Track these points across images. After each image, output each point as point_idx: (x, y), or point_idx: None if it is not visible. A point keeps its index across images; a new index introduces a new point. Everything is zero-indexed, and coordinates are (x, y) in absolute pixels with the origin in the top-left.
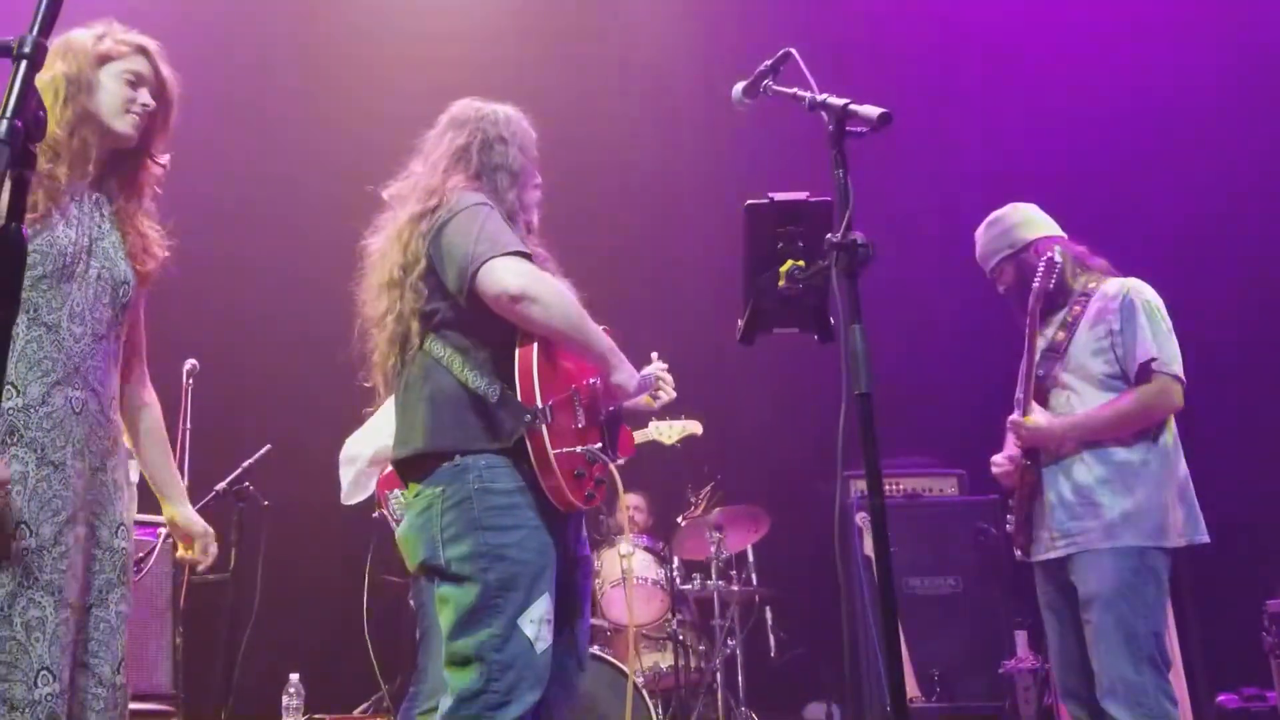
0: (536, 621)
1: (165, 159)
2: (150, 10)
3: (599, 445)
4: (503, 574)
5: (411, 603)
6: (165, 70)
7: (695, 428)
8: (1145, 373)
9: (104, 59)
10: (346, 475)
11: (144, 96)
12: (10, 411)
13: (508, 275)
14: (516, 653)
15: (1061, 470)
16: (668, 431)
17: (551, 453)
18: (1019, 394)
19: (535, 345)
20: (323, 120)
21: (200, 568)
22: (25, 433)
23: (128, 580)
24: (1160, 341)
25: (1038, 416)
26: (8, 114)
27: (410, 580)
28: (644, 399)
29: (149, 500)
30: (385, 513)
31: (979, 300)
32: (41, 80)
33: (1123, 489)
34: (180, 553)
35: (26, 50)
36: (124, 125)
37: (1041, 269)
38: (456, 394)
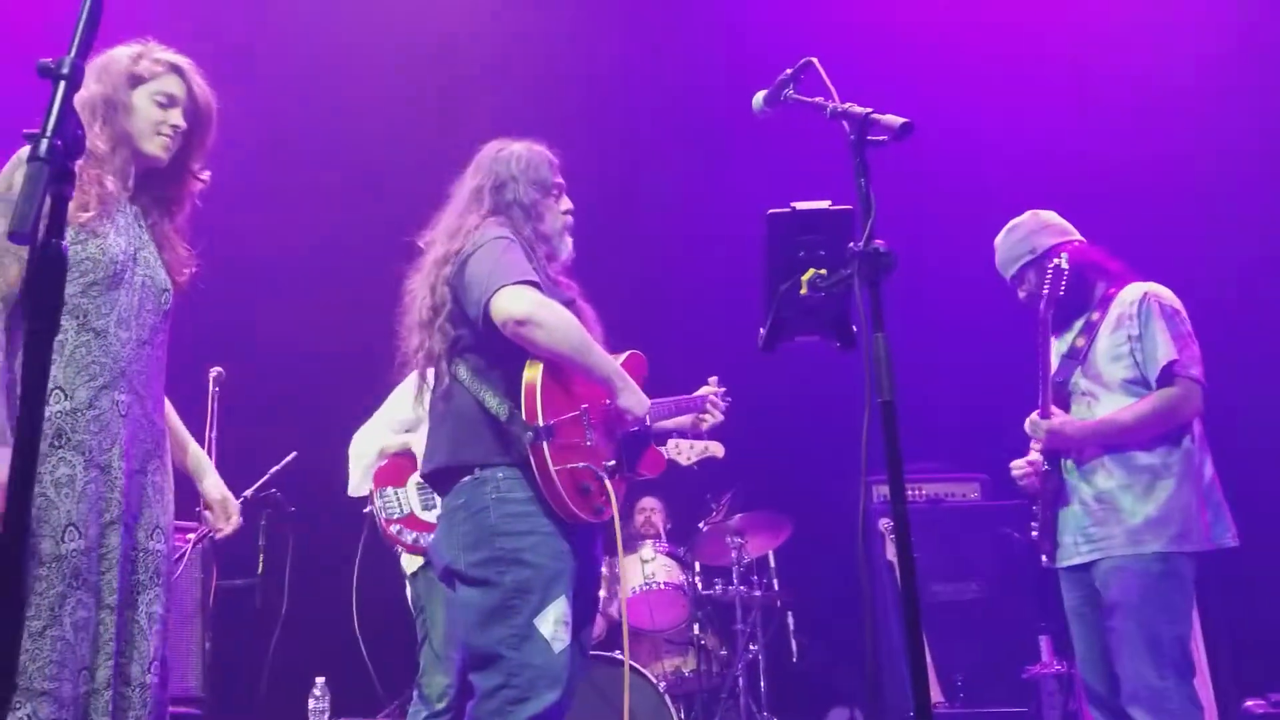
0: (553, 622)
1: (206, 174)
2: (174, 22)
3: (611, 462)
4: (518, 577)
5: (411, 606)
6: (199, 89)
7: (716, 449)
8: (1167, 376)
9: (137, 80)
10: (355, 468)
11: (174, 118)
12: (58, 415)
13: (514, 302)
14: (533, 652)
15: (1083, 475)
16: (687, 451)
17: (553, 468)
18: (1067, 374)
19: (541, 367)
20: (350, 133)
21: (219, 535)
22: (73, 436)
23: (161, 582)
24: (1180, 345)
25: (1057, 419)
26: (47, 133)
27: (409, 580)
28: (686, 419)
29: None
30: (375, 507)
31: (1000, 304)
32: (80, 99)
33: (1145, 494)
34: (209, 520)
35: (65, 71)
36: (154, 147)
37: (1049, 277)
38: (475, 413)
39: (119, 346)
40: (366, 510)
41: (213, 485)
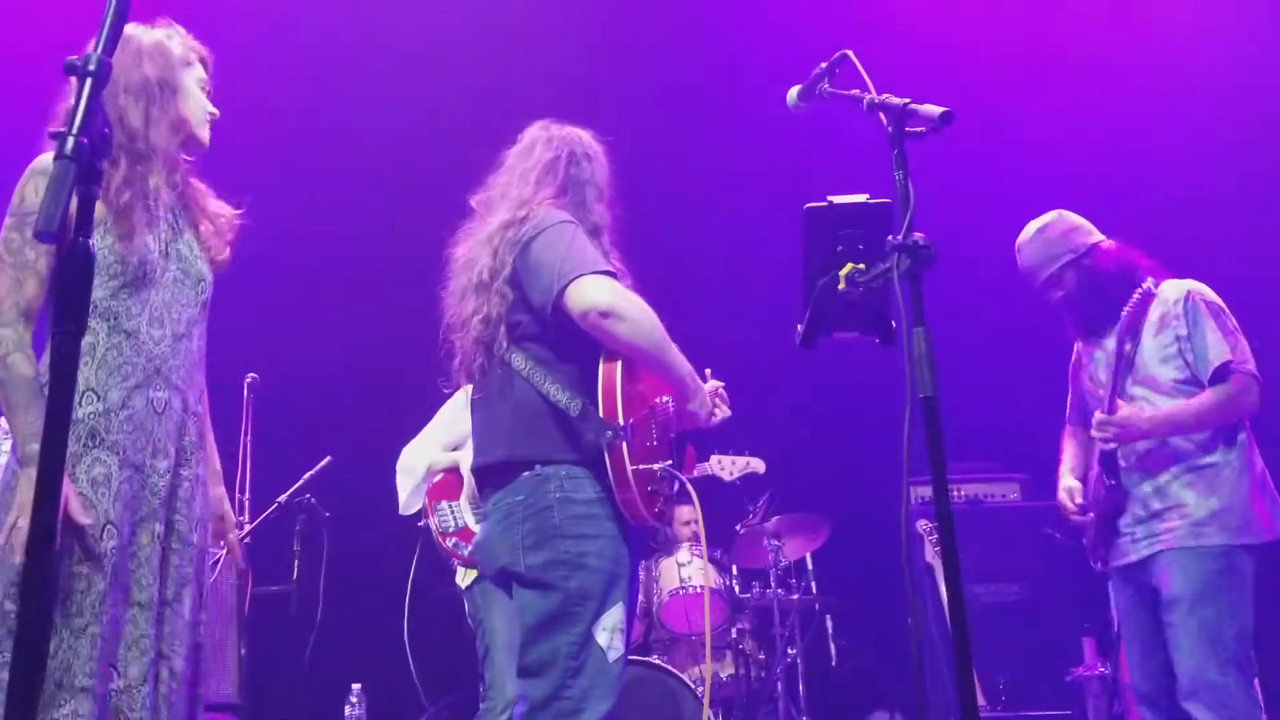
0: (610, 630)
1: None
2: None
3: (670, 463)
4: (583, 581)
5: (470, 619)
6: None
7: (758, 465)
8: (1224, 373)
9: (185, 62)
10: (405, 486)
11: (210, 105)
12: (91, 416)
13: (597, 292)
14: (590, 660)
15: (1143, 474)
16: (730, 467)
17: (630, 468)
18: (1100, 394)
19: (619, 364)
20: (382, 133)
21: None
22: (106, 436)
23: (200, 577)
24: (1232, 342)
25: (1125, 411)
26: (74, 131)
27: (464, 594)
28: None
29: None
30: (431, 522)
31: (1037, 302)
32: (131, 81)
33: (1207, 489)
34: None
35: (92, 68)
36: (206, 134)
37: (1137, 299)
38: (538, 406)
39: (151, 345)
40: (421, 524)
41: (217, 499)
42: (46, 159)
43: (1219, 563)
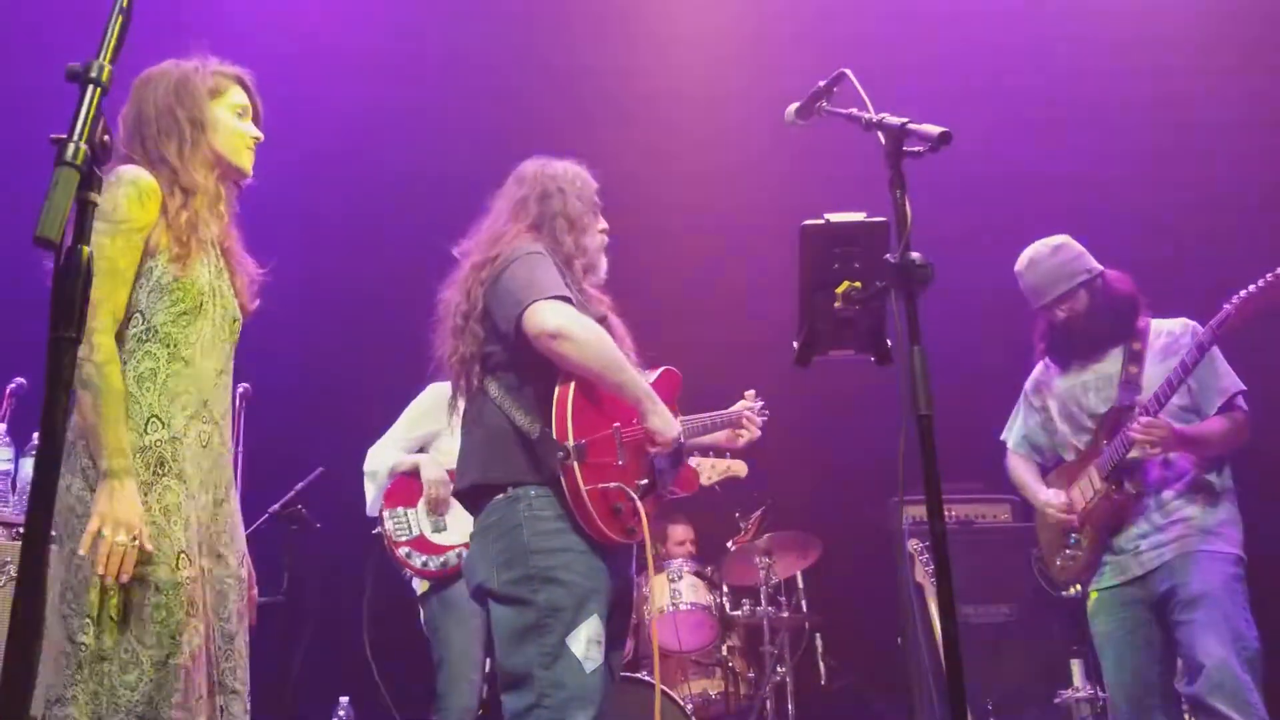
0: (585, 641)
1: (247, 180)
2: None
3: (644, 482)
4: (551, 595)
5: (424, 627)
6: (258, 97)
7: (739, 469)
8: (1230, 405)
9: (214, 94)
10: (370, 489)
11: (253, 129)
12: (158, 443)
13: (546, 316)
14: (566, 671)
15: (1150, 489)
16: (709, 470)
17: (584, 488)
18: (1133, 399)
19: (572, 385)
20: (373, 146)
21: None
22: (174, 464)
23: (248, 610)
24: (1235, 377)
25: (1165, 419)
26: (77, 138)
27: (420, 602)
28: (721, 435)
29: None
30: (386, 528)
31: (1028, 322)
32: (162, 122)
33: (1208, 505)
34: None
35: (94, 75)
36: (245, 161)
37: (1142, 326)
38: (506, 431)
39: (203, 377)
40: (375, 531)
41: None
42: (137, 171)
43: (1232, 568)
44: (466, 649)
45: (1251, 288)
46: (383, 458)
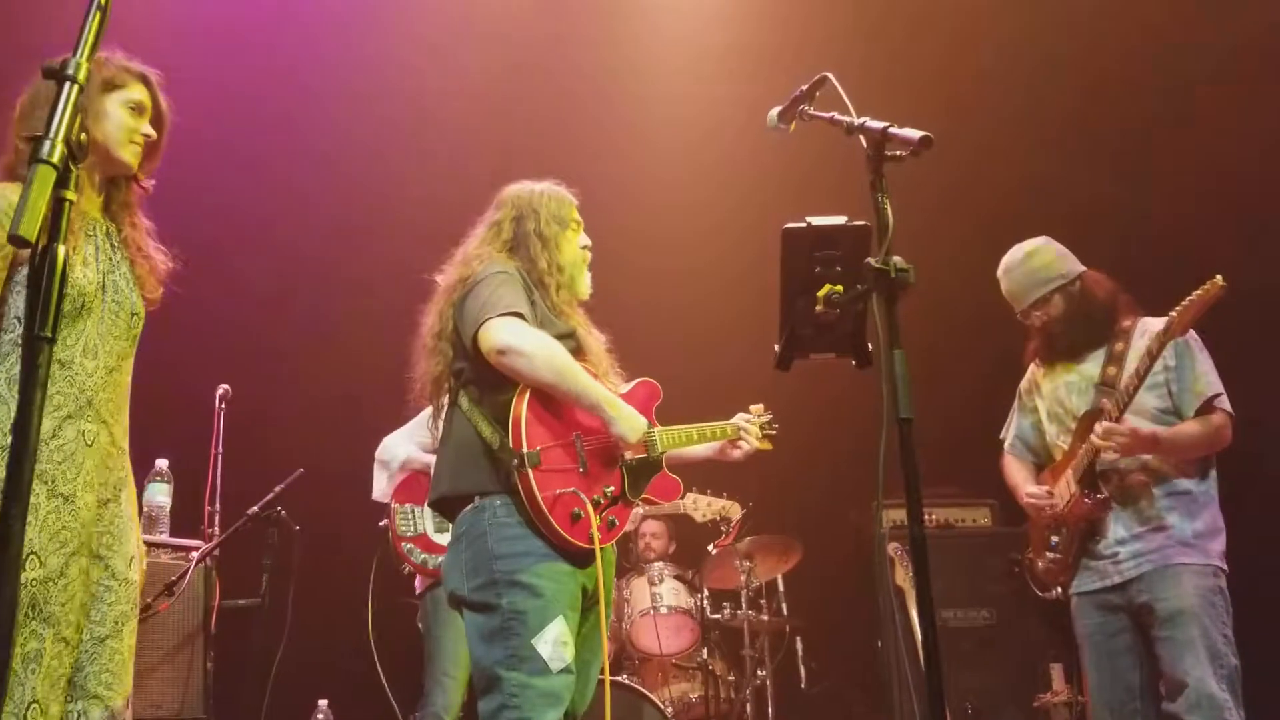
0: (551, 643)
1: (150, 183)
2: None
3: (609, 489)
4: (514, 598)
5: (420, 625)
6: (163, 100)
7: (734, 511)
8: (1209, 406)
9: (109, 86)
10: (380, 476)
11: (145, 126)
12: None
13: (496, 332)
14: (532, 672)
15: (1126, 498)
16: (705, 509)
17: (539, 494)
18: (1102, 404)
19: (527, 396)
20: (358, 148)
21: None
22: (36, 465)
23: (136, 613)
24: (1215, 379)
25: (1131, 423)
26: (54, 136)
27: (417, 600)
28: (715, 446)
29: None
30: (391, 522)
31: (1009, 327)
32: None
33: (1187, 514)
34: None
35: (71, 73)
36: (128, 155)
37: (1123, 327)
38: (474, 442)
39: (84, 376)
40: (382, 524)
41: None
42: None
43: (1209, 580)
44: (451, 648)
45: (1192, 296)
46: (397, 449)
